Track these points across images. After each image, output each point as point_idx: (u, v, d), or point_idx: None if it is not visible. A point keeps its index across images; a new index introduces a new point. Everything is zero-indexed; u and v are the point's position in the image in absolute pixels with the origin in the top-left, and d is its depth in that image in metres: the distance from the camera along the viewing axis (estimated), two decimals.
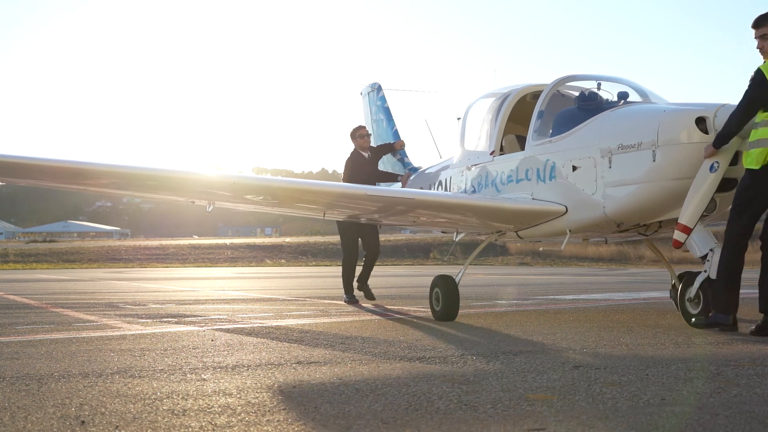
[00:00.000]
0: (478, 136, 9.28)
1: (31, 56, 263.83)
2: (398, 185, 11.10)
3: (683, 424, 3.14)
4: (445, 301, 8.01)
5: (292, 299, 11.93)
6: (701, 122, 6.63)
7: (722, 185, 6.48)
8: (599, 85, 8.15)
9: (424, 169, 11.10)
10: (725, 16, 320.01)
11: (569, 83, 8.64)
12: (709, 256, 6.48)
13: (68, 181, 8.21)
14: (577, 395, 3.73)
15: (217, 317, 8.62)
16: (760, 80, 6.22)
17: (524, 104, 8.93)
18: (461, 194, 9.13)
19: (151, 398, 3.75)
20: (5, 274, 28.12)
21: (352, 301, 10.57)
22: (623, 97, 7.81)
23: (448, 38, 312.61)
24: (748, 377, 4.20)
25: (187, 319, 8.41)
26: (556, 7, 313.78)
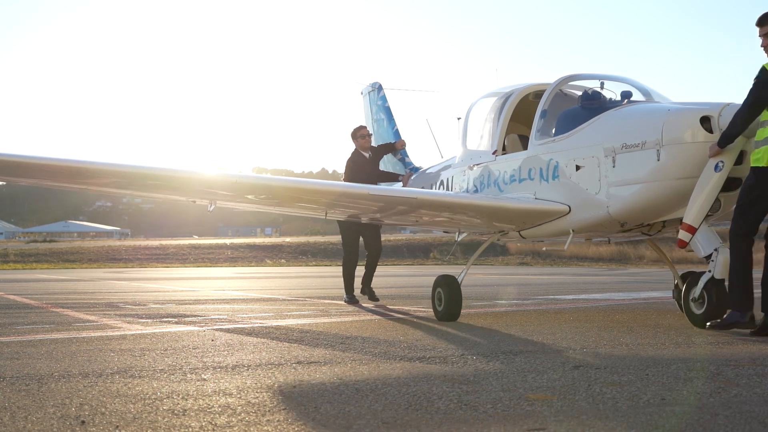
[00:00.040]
0: (480, 135, 9.24)
1: (31, 56, 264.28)
2: (399, 185, 11.05)
3: (683, 424, 3.14)
4: (447, 301, 7.96)
5: (292, 299, 11.93)
6: (706, 121, 6.60)
7: (727, 185, 6.45)
8: (602, 84, 8.10)
9: (424, 168, 11.05)
10: (725, 16, 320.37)
11: (572, 82, 8.61)
12: (713, 255, 6.42)
13: (69, 180, 8.19)
14: (577, 395, 3.73)
15: (217, 317, 8.62)
16: (765, 79, 6.19)
17: (527, 103, 8.90)
18: (464, 194, 9.07)
19: (151, 398, 3.76)
20: (5, 274, 28.11)
21: (352, 301, 10.56)
22: (626, 96, 7.77)
23: (448, 38, 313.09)
24: (748, 377, 4.20)
25: (187, 319, 8.41)
26: (556, 7, 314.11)
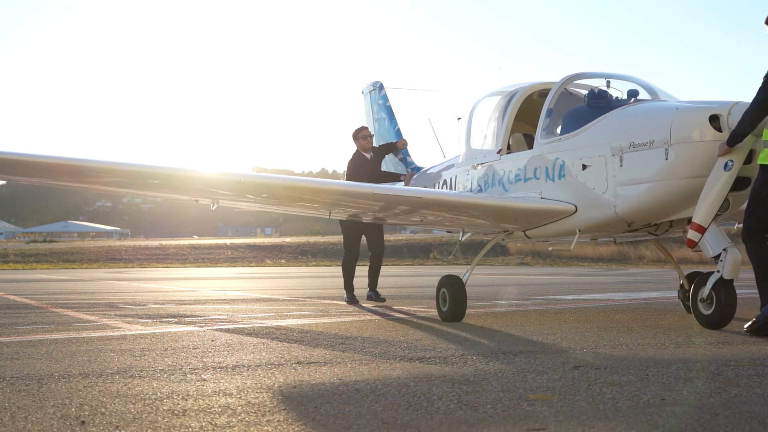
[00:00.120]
0: (484, 134, 9.16)
1: (31, 56, 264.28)
2: (401, 185, 11.02)
3: (683, 424, 3.14)
4: (452, 302, 7.89)
5: (292, 299, 11.93)
6: (715, 120, 6.54)
7: (736, 184, 6.39)
8: (608, 83, 8.01)
9: (426, 168, 11.01)
10: (725, 16, 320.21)
11: (577, 81, 8.55)
12: (722, 255, 6.37)
13: (70, 179, 8.15)
14: (577, 395, 3.73)
15: (217, 317, 8.62)
16: None
17: (531, 102, 8.83)
18: (468, 193, 8.99)
19: (151, 398, 3.75)
20: (5, 274, 28.12)
21: (352, 301, 10.56)
22: (633, 95, 7.70)
23: (448, 38, 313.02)
24: (748, 377, 4.19)
25: (187, 319, 8.41)
26: (556, 7, 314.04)
